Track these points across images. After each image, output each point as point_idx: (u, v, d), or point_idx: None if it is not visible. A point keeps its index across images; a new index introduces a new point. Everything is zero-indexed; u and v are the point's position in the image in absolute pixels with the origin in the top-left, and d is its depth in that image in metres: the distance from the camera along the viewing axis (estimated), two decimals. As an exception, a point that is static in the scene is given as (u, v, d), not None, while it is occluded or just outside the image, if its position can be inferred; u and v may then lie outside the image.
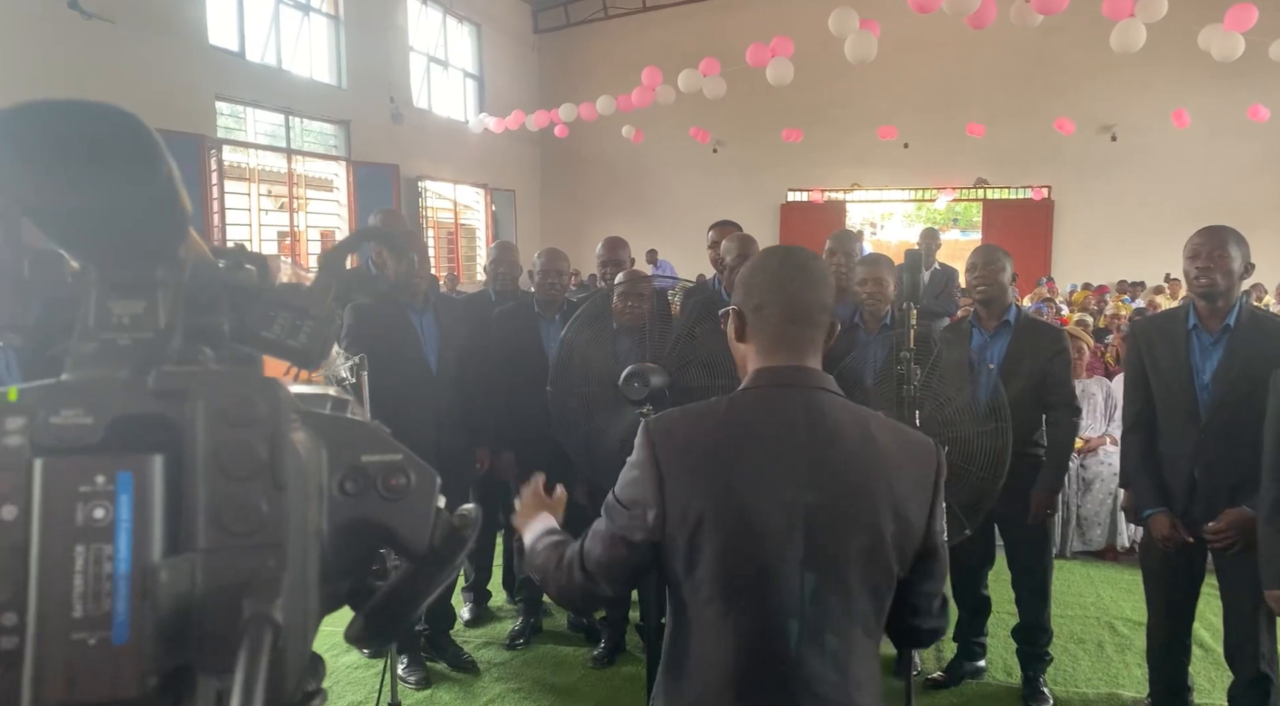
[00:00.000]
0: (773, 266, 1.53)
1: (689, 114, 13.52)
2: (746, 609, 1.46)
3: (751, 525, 1.42)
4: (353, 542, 0.51)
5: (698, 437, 1.46)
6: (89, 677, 0.41)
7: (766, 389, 1.48)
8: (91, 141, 0.40)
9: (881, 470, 1.43)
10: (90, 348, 0.46)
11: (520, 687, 3.73)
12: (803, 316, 1.48)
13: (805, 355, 1.48)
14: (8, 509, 0.42)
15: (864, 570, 1.42)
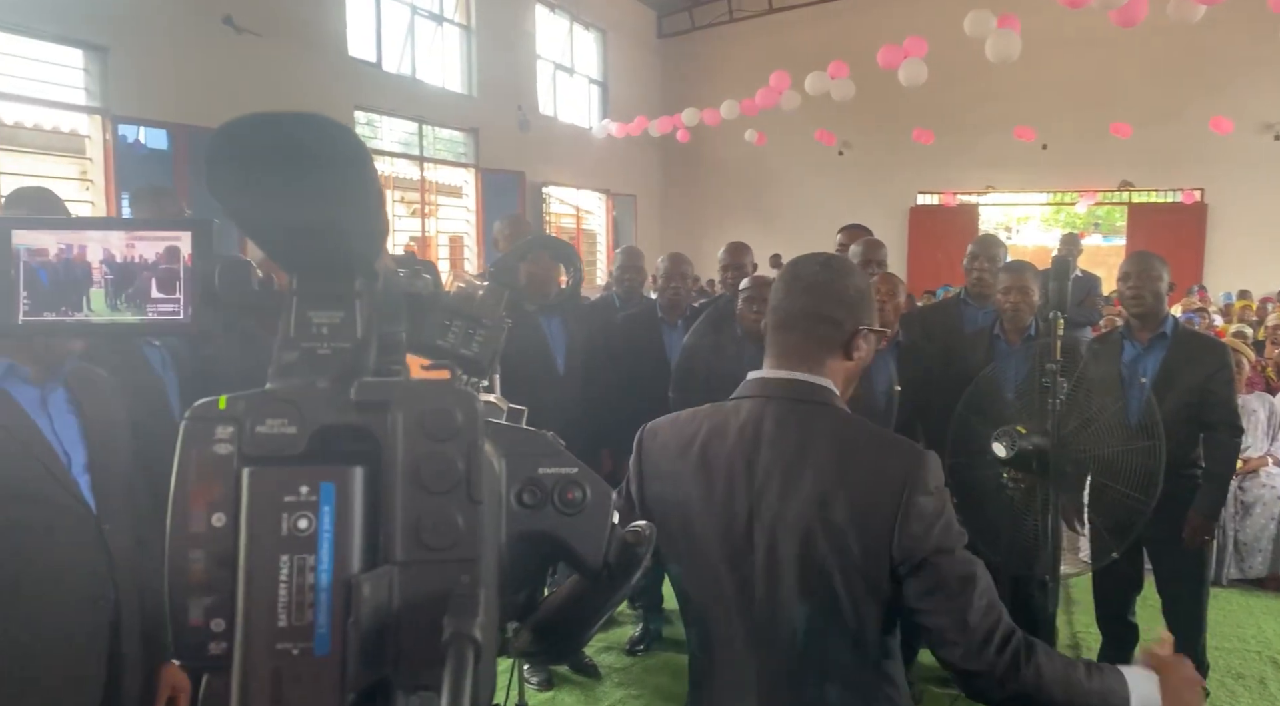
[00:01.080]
0: (777, 278, 1.56)
1: (814, 116, 13.31)
2: (701, 619, 1.49)
3: (700, 542, 1.44)
4: (528, 555, 0.50)
5: (674, 440, 1.49)
6: (292, 688, 0.41)
7: (746, 398, 1.48)
8: (308, 155, 0.40)
9: (807, 487, 1.38)
10: (291, 356, 0.46)
11: (641, 694, 3.71)
12: (784, 323, 1.47)
13: (792, 363, 1.46)
14: (217, 516, 0.43)
15: (800, 598, 1.38)
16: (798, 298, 1.48)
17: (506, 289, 0.55)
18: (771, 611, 1.40)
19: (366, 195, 0.42)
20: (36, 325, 0.48)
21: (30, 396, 1.79)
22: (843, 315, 1.46)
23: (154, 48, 7.46)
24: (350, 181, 0.41)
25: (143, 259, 0.48)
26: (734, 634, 1.45)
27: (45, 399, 1.82)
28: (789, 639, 1.40)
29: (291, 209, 0.41)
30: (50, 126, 7.12)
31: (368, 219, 0.44)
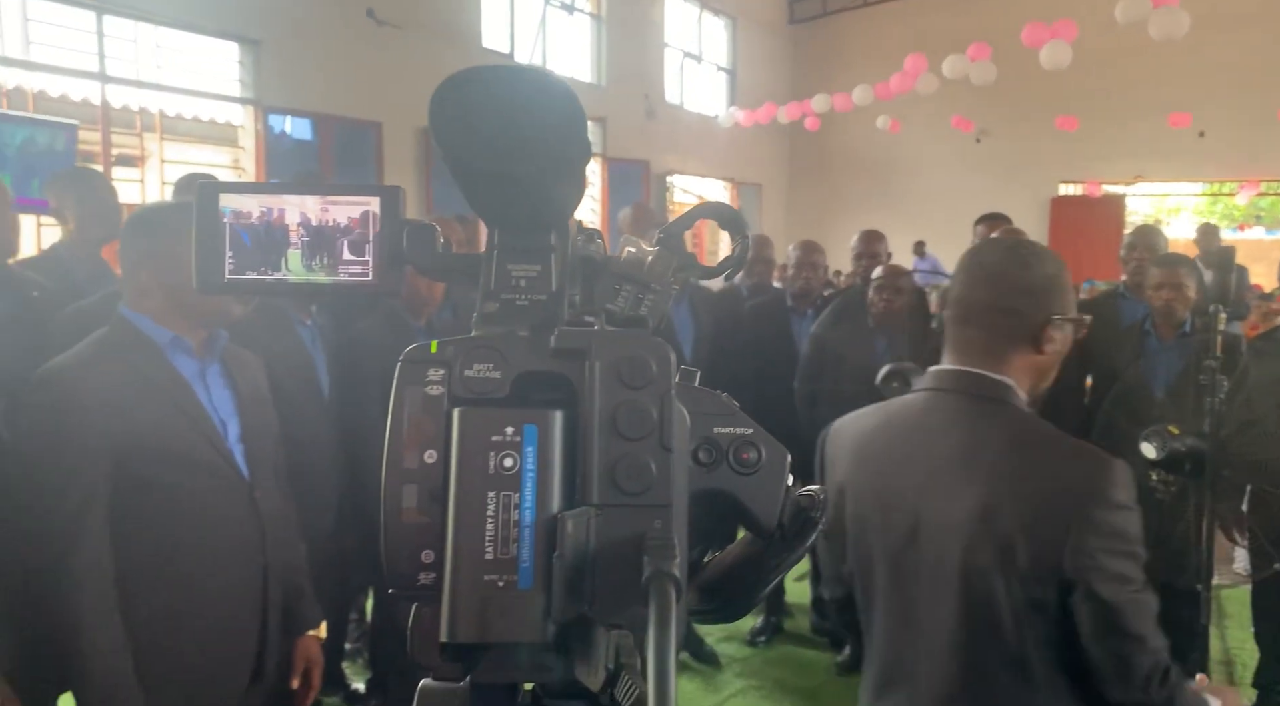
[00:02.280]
0: (956, 266, 1.49)
1: (951, 102, 12.88)
2: (876, 620, 1.46)
3: (866, 536, 1.42)
4: (704, 512, 0.51)
5: (853, 439, 1.47)
6: (497, 618, 0.43)
7: (924, 393, 1.44)
8: (529, 110, 0.42)
9: (975, 488, 1.30)
10: (493, 307, 0.48)
11: (762, 686, 3.69)
12: (963, 316, 1.41)
13: (971, 358, 1.39)
14: (429, 453, 0.45)
15: (959, 604, 1.31)
16: (978, 288, 1.40)
17: (675, 255, 0.55)
18: (929, 618, 1.35)
19: (575, 151, 0.43)
20: (240, 283, 0.51)
21: (191, 368, 1.90)
22: (1027, 305, 1.36)
23: (302, 41, 7.80)
24: (562, 137, 0.43)
25: (335, 223, 0.51)
26: (897, 639, 1.41)
27: (204, 371, 1.93)
28: (944, 647, 1.34)
29: (505, 159, 0.42)
30: (207, 117, 7.54)
31: (572, 175, 0.45)
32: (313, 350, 2.81)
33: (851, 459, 1.44)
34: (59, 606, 1.72)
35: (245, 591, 1.96)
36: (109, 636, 1.75)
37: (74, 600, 1.72)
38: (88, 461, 1.74)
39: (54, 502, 1.73)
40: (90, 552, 1.74)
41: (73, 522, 1.72)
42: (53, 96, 6.40)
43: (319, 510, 2.69)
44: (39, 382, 1.80)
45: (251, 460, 1.96)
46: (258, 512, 1.95)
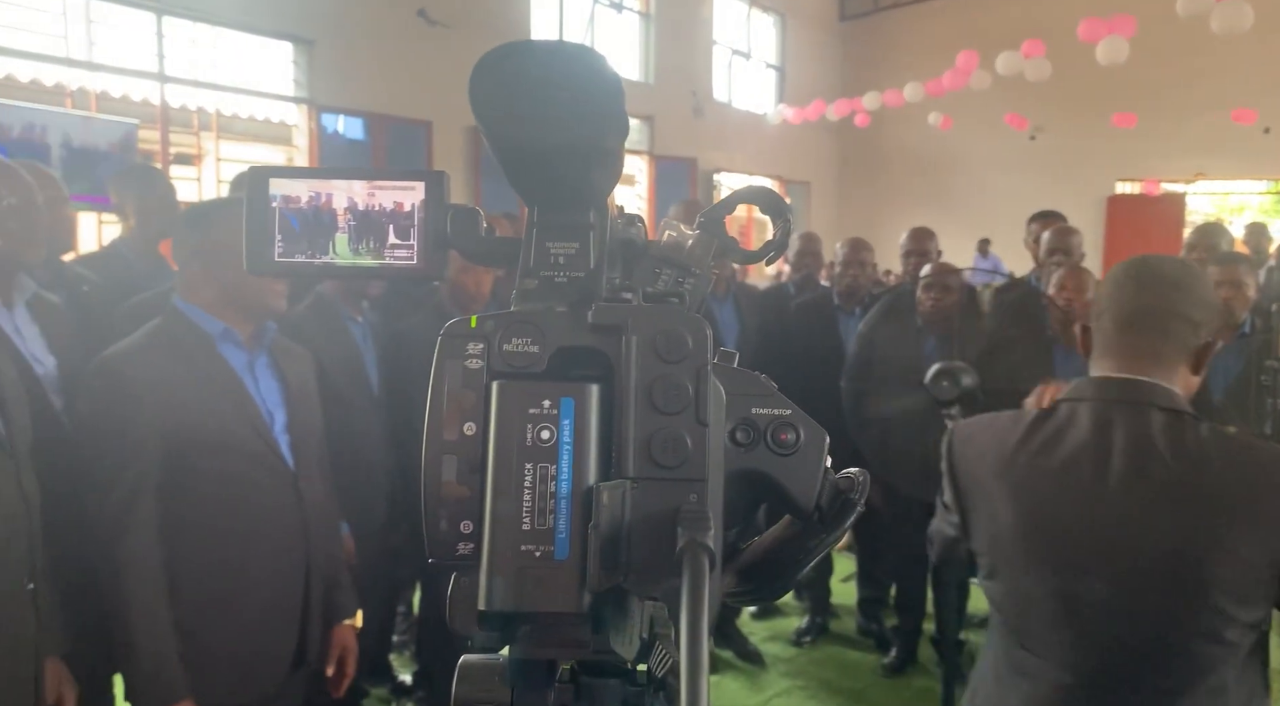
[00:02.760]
0: (1118, 273, 1.41)
1: (1004, 99, 12.67)
2: (1037, 651, 1.37)
3: (1046, 553, 1.32)
4: (741, 493, 0.51)
5: (993, 448, 1.40)
6: (534, 588, 0.44)
7: (1082, 402, 1.36)
8: (569, 84, 0.42)
9: (1201, 501, 1.24)
10: (531, 284, 0.49)
11: (807, 686, 3.67)
12: (1134, 323, 1.34)
13: (1142, 366, 1.33)
14: (469, 425, 0.46)
15: (1181, 616, 1.25)
16: (1155, 295, 1.34)
17: (715, 239, 0.55)
18: (1107, 632, 1.30)
19: (614, 127, 0.44)
20: (288, 265, 0.52)
21: (240, 359, 1.94)
22: (1201, 318, 1.33)
23: (354, 41, 7.91)
24: (601, 112, 0.43)
25: (381, 207, 0.52)
26: (1068, 664, 1.34)
27: (253, 363, 1.96)
28: (1133, 673, 1.31)
29: (544, 133, 0.43)
30: (262, 117, 7.68)
31: (610, 152, 0.46)
32: (363, 346, 2.85)
33: (1007, 480, 1.37)
34: (109, 589, 1.77)
35: (288, 579, 1.99)
36: (156, 619, 1.79)
37: (123, 584, 1.77)
38: (139, 448, 1.78)
39: (106, 488, 1.78)
40: (140, 537, 1.78)
41: (124, 508, 1.77)
42: (114, 97, 6.56)
43: (368, 504, 2.72)
44: (95, 371, 1.85)
45: (297, 450, 2.00)
46: (301, 502, 1.99)
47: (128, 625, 1.77)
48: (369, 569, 2.66)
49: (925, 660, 3.81)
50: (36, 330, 2.05)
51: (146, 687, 1.80)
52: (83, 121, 5.86)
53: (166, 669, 1.80)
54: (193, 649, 1.83)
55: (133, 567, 1.78)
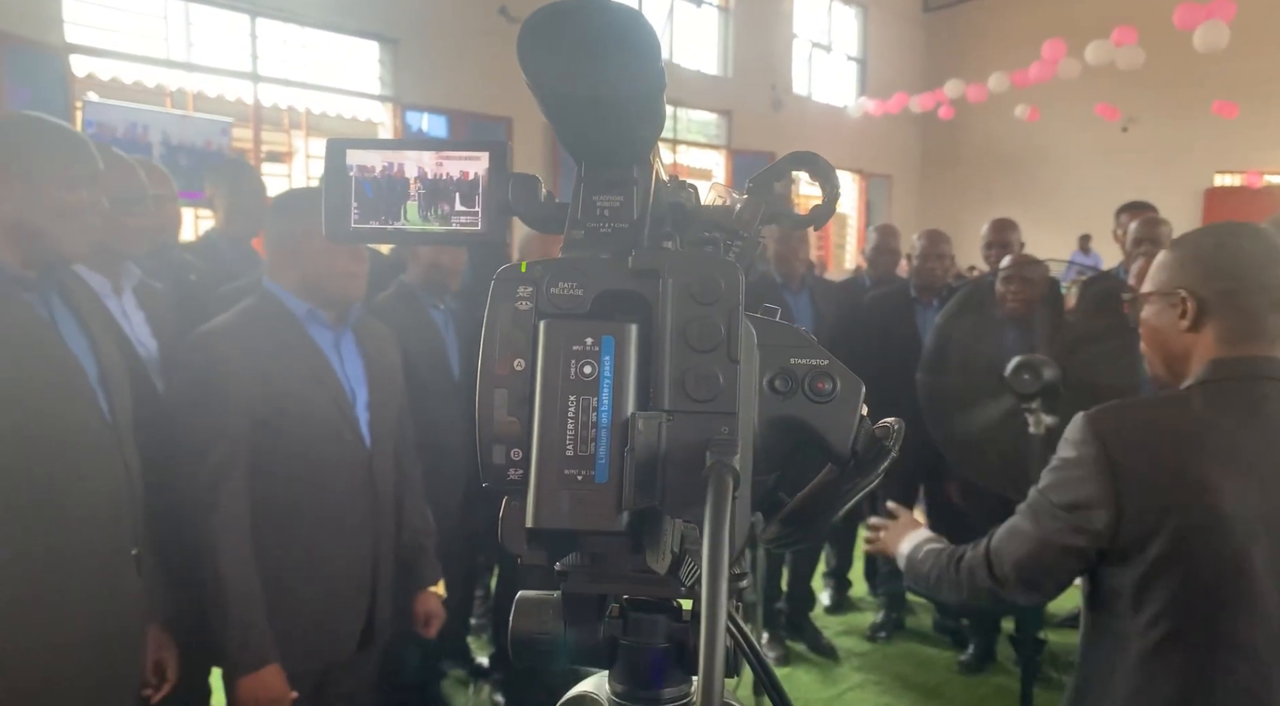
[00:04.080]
0: (1247, 246, 1.34)
1: (1095, 88, 12.27)
2: (1209, 642, 1.28)
3: (1228, 538, 1.25)
4: (779, 439, 0.54)
5: (1155, 433, 1.31)
6: (576, 508, 0.47)
7: (1239, 382, 1.30)
8: (608, 39, 0.45)
9: None
10: (579, 234, 0.52)
11: (881, 681, 3.64)
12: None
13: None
14: (518, 361, 0.50)
15: None
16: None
17: (763, 204, 0.57)
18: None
19: (653, 79, 0.46)
20: (363, 231, 0.55)
21: (326, 338, 2.02)
22: None
23: (438, 39, 8.08)
24: (641, 63, 0.45)
25: (449, 176, 0.55)
26: (1247, 644, 1.28)
27: (338, 341, 2.04)
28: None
29: (587, 84, 0.45)
30: (349, 115, 7.90)
31: (652, 104, 0.48)
32: (445, 333, 2.92)
33: (1171, 454, 1.30)
34: (202, 556, 1.85)
35: (357, 555, 2.06)
36: (245, 586, 1.87)
37: (215, 551, 1.85)
38: (230, 420, 1.87)
39: (199, 458, 1.86)
40: (230, 506, 1.87)
41: (216, 477, 1.86)
42: (210, 96, 6.83)
43: (447, 488, 2.79)
44: (190, 346, 1.95)
45: (375, 429, 2.07)
46: (373, 481, 2.05)
47: (219, 591, 1.85)
48: (447, 552, 2.73)
49: (1004, 658, 3.75)
50: (142, 316, 2.16)
51: (237, 652, 1.88)
52: (180, 120, 6.12)
53: (255, 634, 1.88)
54: (273, 615, 1.91)
55: (224, 535, 1.86)
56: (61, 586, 1.62)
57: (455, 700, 3.38)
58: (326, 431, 1.98)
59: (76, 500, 1.64)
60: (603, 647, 0.55)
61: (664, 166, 0.57)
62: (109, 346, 1.78)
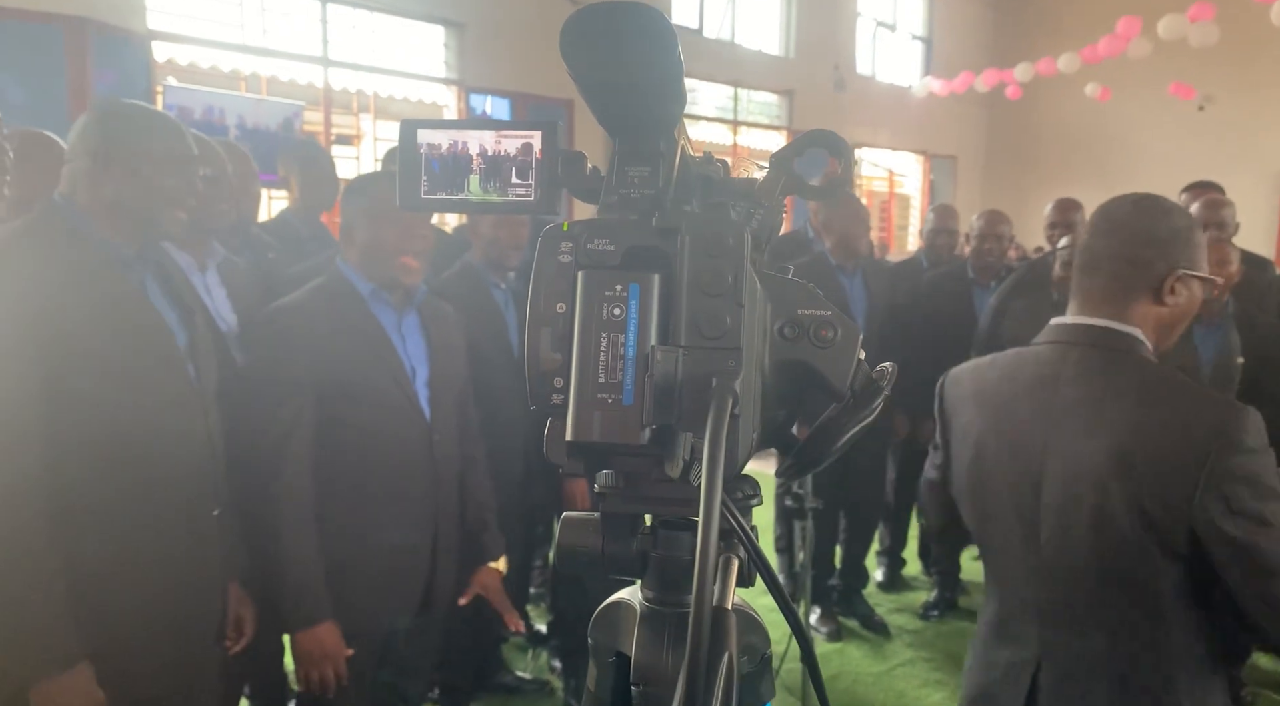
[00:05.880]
0: (1089, 219, 1.50)
1: (1169, 67, 11.90)
2: (996, 564, 1.52)
3: (990, 480, 1.46)
4: (787, 379, 0.62)
5: (972, 382, 1.53)
6: (608, 425, 0.56)
7: (1036, 346, 1.48)
8: (628, 31, 0.53)
9: (1104, 436, 1.32)
10: (613, 199, 0.61)
11: (932, 658, 3.67)
12: (1087, 265, 1.44)
13: (1094, 308, 1.41)
14: (560, 305, 0.59)
15: (1090, 547, 1.34)
16: (1102, 238, 1.43)
17: (783, 176, 0.64)
18: (1057, 559, 1.39)
19: (672, 65, 0.54)
20: (432, 201, 0.64)
21: (390, 318, 2.12)
22: (1151, 255, 1.38)
23: (501, 23, 8.18)
24: (661, 52, 0.53)
25: (506, 152, 0.63)
26: (1019, 577, 1.45)
27: (401, 321, 2.14)
28: (1072, 587, 1.39)
29: (616, 71, 0.53)
30: (415, 98, 8.05)
31: (672, 86, 0.56)
32: (505, 311, 3.01)
33: (975, 407, 1.50)
34: (264, 517, 1.96)
35: (418, 524, 2.15)
36: (305, 547, 1.98)
37: (277, 512, 1.96)
38: (295, 389, 1.98)
39: (265, 423, 1.98)
40: (294, 470, 1.98)
41: (281, 441, 1.97)
42: (283, 80, 7.03)
43: (507, 461, 2.88)
44: (262, 320, 2.08)
45: (435, 405, 2.16)
46: (433, 454, 2.15)
47: (279, 550, 1.96)
48: (507, 524, 2.83)
49: (1056, 640, 3.75)
50: (224, 292, 2.29)
51: (294, 608, 1.99)
52: (254, 103, 6.32)
53: (312, 592, 1.99)
54: (333, 579, 2.02)
55: (286, 497, 1.97)
56: (148, 541, 1.73)
57: (514, 664, 3.50)
58: (386, 405, 2.08)
59: (164, 461, 1.75)
60: (636, 559, 0.63)
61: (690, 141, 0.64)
62: (197, 318, 1.90)
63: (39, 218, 1.71)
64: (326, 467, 2.04)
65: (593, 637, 0.68)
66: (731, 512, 0.56)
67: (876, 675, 3.54)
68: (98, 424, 1.66)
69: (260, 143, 5.66)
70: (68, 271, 1.65)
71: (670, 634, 0.61)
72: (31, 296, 1.59)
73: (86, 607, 1.62)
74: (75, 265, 1.66)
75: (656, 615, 0.63)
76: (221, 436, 1.89)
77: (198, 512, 1.83)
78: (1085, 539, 1.35)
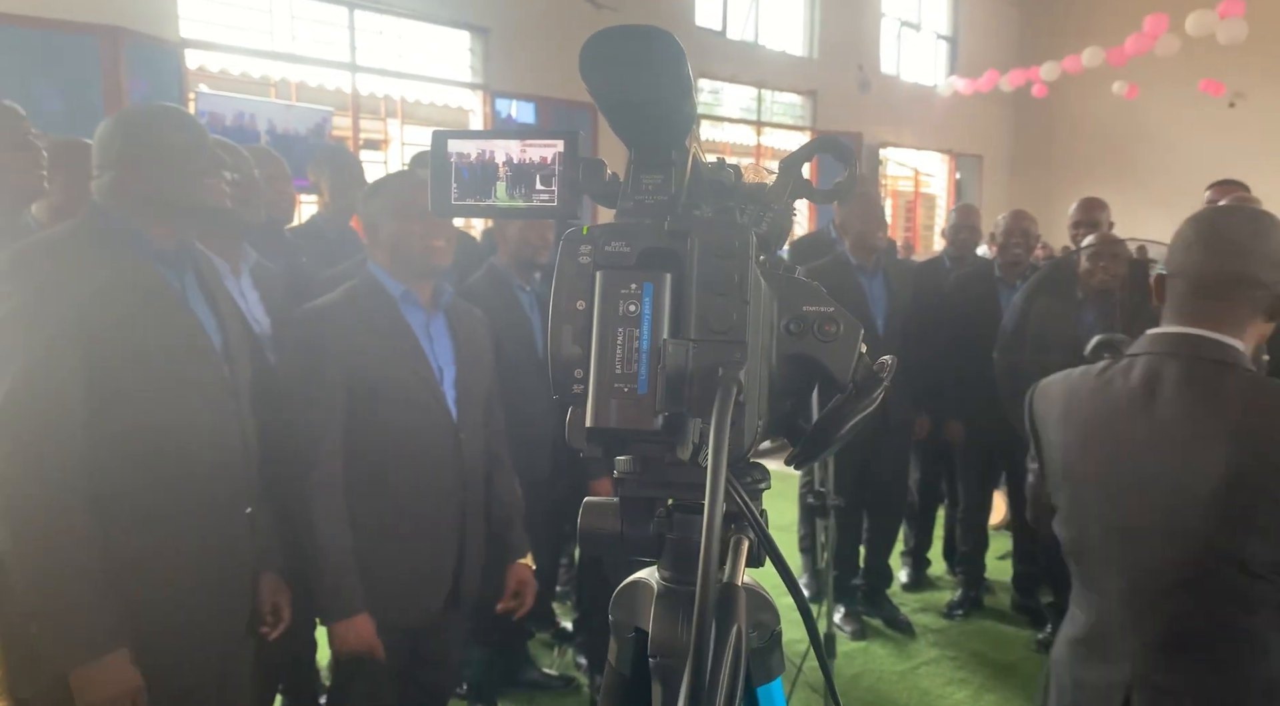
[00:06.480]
0: (1188, 233, 1.43)
1: (1197, 64, 11.76)
2: (1089, 580, 1.48)
3: (1084, 494, 1.44)
4: (793, 371, 0.66)
5: (1060, 397, 1.50)
6: (624, 413, 0.60)
7: (1131, 357, 1.44)
8: (638, 54, 0.57)
9: (1211, 450, 1.30)
10: (629, 204, 0.65)
11: (956, 657, 3.68)
12: (1204, 288, 1.39)
13: (1207, 326, 1.38)
14: (580, 302, 0.63)
15: (1180, 551, 1.33)
16: (1223, 260, 1.38)
17: (791, 181, 0.68)
18: (1156, 580, 1.36)
19: (681, 83, 0.58)
20: (462, 207, 0.68)
21: (419, 319, 2.17)
22: (1273, 278, 1.36)
23: (526, 28, 8.24)
24: (670, 70, 0.58)
25: (531, 160, 0.68)
26: (1114, 596, 1.41)
27: (429, 322, 2.19)
28: (1172, 609, 1.35)
29: (630, 89, 0.58)
30: (441, 103, 8.13)
31: (682, 101, 0.60)
32: (531, 313, 3.06)
33: (1066, 419, 1.46)
34: (299, 511, 2.02)
35: (445, 519, 2.20)
36: (339, 540, 2.04)
37: (311, 506, 2.02)
38: (326, 388, 2.04)
39: (298, 423, 2.04)
40: (326, 469, 2.04)
41: (313, 438, 2.03)
42: (311, 86, 7.13)
43: (533, 460, 2.92)
44: (295, 321, 2.14)
45: (461, 404, 2.21)
46: (460, 452, 2.20)
47: (314, 544, 2.02)
48: (533, 521, 2.87)
49: (1081, 639, 3.75)
50: (256, 295, 2.34)
51: (329, 600, 2.05)
52: (284, 109, 6.42)
53: (346, 585, 2.04)
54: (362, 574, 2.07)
55: (320, 493, 2.03)
56: (181, 534, 1.78)
57: (541, 661, 3.54)
58: (414, 404, 2.13)
59: (198, 458, 1.81)
60: (653, 541, 0.68)
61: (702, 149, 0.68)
62: (233, 320, 1.96)
63: (85, 220, 1.77)
64: (356, 465, 2.09)
65: (613, 615, 0.72)
66: (739, 494, 0.60)
67: (901, 673, 3.55)
68: (136, 421, 1.72)
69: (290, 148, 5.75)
70: (112, 273, 1.71)
71: (685, 610, 0.65)
72: (78, 296, 1.65)
73: (122, 597, 1.68)
74: (119, 267, 1.72)
75: (672, 593, 0.67)
76: (255, 435, 1.95)
77: (230, 509, 1.88)
78: (1187, 557, 1.32)
